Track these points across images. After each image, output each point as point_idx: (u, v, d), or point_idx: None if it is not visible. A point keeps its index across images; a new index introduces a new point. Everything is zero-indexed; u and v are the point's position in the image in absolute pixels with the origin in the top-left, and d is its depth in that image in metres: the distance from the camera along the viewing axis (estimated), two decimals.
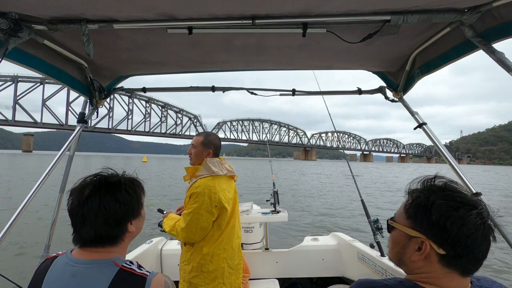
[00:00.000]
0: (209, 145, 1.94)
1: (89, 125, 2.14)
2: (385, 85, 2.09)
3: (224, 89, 2.23)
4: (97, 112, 2.10)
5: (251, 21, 1.26)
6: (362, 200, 2.74)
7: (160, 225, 2.08)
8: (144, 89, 2.22)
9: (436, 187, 0.73)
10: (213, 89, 2.19)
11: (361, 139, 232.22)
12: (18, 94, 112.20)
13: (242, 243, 2.84)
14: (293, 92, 2.22)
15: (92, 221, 0.82)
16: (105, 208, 0.83)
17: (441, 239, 0.67)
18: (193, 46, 1.65)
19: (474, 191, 1.38)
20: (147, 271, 0.85)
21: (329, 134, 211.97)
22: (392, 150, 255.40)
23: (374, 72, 2.09)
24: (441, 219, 0.67)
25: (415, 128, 1.84)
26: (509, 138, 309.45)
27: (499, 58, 1.18)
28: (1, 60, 1.20)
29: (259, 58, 1.87)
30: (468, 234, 0.66)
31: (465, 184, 1.49)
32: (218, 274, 1.85)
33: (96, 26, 1.27)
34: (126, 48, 1.65)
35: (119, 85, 2.19)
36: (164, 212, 2.14)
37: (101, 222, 0.83)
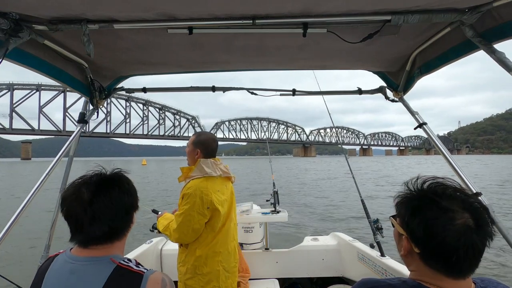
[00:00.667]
0: (197, 145, 1.91)
1: (87, 130, 2.14)
2: (385, 85, 2.09)
3: (224, 89, 2.22)
4: (97, 112, 2.09)
5: (251, 21, 1.25)
6: (362, 200, 2.72)
7: (154, 227, 2.05)
8: (144, 89, 2.21)
9: (415, 188, 0.75)
10: (213, 89, 2.18)
11: (360, 133, 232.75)
12: (14, 101, 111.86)
13: (242, 243, 2.85)
14: (294, 92, 2.21)
15: (105, 217, 0.84)
16: (117, 201, 0.86)
17: (415, 238, 0.71)
18: (194, 46, 1.65)
19: (474, 191, 1.35)
20: (145, 269, 0.86)
21: (328, 130, 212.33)
22: (391, 143, 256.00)
23: (374, 72, 2.08)
24: (410, 219, 0.71)
25: (415, 128, 1.86)
26: (506, 127, 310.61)
27: (499, 58, 1.18)
28: (1, 60, 1.20)
29: (260, 58, 1.86)
30: (433, 235, 0.67)
31: (465, 184, 1.46)
32: (212, 277, 1.83)
33: (97, 26, 1.27)
34: (126, 48, 1.65)
35: (119, 85, 2.19)
36: (159, 212, 2.11)
37: (113, 215, 0.85)
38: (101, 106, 2.08)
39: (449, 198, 0.70)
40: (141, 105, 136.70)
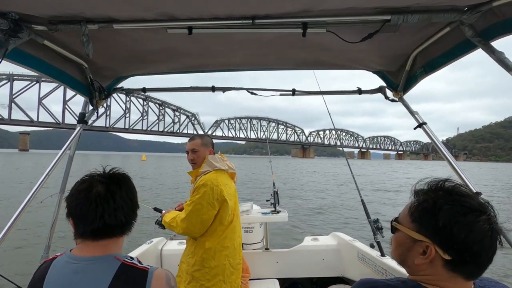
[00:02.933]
0: (208, 145, 2.02)
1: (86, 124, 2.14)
2: (385, 84, 2.09)
3: (224, 89, 2.21)
4: (97, 112, 2.11)
5: (251, 21, 1.26)
6: (362, 200, 2.73)
7: (158, 222, 2.09)
8: (144, 89, 2.21)
9: (443, 191, 0.71)
10: (213, 89, 2.18)
11: (359, 136, 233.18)
12: (14, 92, 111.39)
13: (242, 243, 2.87)
14: (293, 92, 2.20)
15: (124, 208, 0.87)
16: (130, 196, 0.91)
17: (447, 244, 0.66)
18: (193, 46, 1.66)
19: (474, 191, 1.38)
20: (148, 265, 0.88)
21: (327, 132, 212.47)
22: (390, 147, 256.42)
23: (374, 72, 2.08)
24: (448, 225, 0.65)
25: (415, 128, 1.85)
26: (505, 135, 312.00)
27: (499, 58, 1.17)
28: (1, 61, 1.20)
29: (259, 58, 1.89)
30: (475, 241, 0.64)
31: (465, 184, 1.48)
32: (219, 271, 1.87)
33: (96, 26, 1.27)
34: (126, 48, 1.66)
35: (119, 85, 2.19)
36: (163, 211, 2.14)
37: (128, 208, 0.89)
38: (100, 106, 2.09)
39: (472, 198, 0.69)
40: (141, 101, 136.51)
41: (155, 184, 18.92)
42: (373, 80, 2.20)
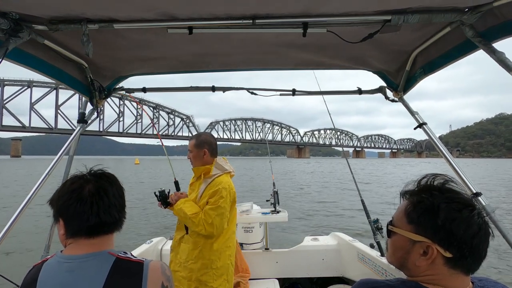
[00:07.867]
0: (202, 145, 2.00)
1: None
2: (385, 84, 2.10)
3: (224, 89, 2.22)
4: (98, 112, 2.10)
5: (251, 21, 1.27)
6: (362, 200, 2.75)
7: (165, 202, 1.98)
8: (144, 89, 2.21)
9: (436, 189, 0.71)
10: (213, 89, 2.19)
11: (353, 135, 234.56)
12: (4, 98, 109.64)
13: (242, 243, 2.90)
14: (293, 92, 2.21)
15: (116, 205, 0.88)
16: (120, 194, 0.92)
17: (448, 242, 0.67)
18: (194, 46, 1.67)
19: (474, 191, 1.38)
20: (143, 258, 0.88)
21: (322, 132, 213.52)
22: (384, 146, 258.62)
23: (374, 72, 2.08)
24: (447, 223, 0.66)
25: (415, 128, 1.86)
26: (496, 131, 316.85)
27: (499, 58, 1.18)
28: (1, 60, 1.20)
29: (259, 58, 1.90)
30: (473, 235, 0.66)
31: (465, 184, 1.48)
32: (224, 271, 1.91)
33: (97, 26, 1.27)
34: (126, 48, 1.67)
35: (119, 85, 2.19)
36: (171, 193, 2.02)
37: (120, 205, 0.90)
38: (100, 106, 2.09)
39: (462, 194, 0.71)
40: (135, 104, 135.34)
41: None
42: (369, 79, 2.10)
